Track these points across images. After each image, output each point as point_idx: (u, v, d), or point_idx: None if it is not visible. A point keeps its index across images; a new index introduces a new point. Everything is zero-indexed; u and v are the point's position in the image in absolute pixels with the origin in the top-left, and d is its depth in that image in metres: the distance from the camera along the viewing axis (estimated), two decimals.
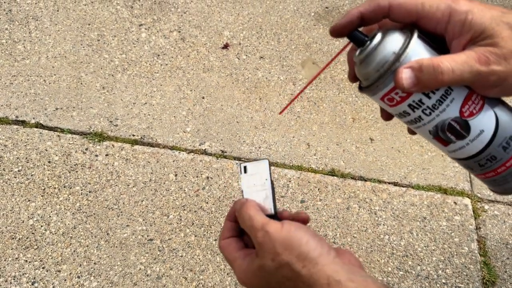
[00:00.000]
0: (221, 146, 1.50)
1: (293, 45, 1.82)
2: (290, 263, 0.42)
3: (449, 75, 0.38)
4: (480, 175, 0.45)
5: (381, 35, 0.42)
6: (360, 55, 0.43)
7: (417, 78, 0.39)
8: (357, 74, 0.45)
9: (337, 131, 1.58)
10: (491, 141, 0.42)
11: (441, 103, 0.41)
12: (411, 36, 0.40)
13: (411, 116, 0.43)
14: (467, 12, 0.39)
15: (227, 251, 0.49)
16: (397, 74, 0.39)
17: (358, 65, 0.44)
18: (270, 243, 0.43)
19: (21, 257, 1.23)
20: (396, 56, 0.40)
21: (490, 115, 0.41)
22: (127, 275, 1.22)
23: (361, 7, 0.42)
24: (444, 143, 0.44)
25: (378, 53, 0.41)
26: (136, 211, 1.33)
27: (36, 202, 1.33)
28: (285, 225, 0.44)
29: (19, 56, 1.68)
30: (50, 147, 1.45)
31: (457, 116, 0.41)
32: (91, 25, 1.80)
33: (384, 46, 0.41)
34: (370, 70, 0.42)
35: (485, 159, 0.43)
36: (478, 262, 1.31)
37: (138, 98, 1.60)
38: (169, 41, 1.78)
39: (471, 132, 0.42)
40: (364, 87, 0.44)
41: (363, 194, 1.42)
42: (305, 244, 0.43)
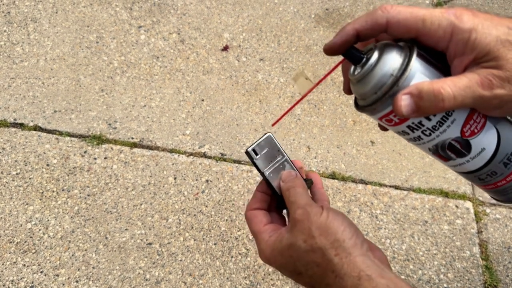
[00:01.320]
0: (221, 149, 1.49)
1: (293, 47, 1.81)
2: (324, 249, 0.41)
3: (450, 102, 0.37)
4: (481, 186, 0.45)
5: (377, 53, 0.40)
6: (356, 74, 0.41)
7: (417, 105, 0.38)
8: (352, 91, 0.43)
9: (337, 133, 1.57)
10: (492, 158, 0.41)
11: (441, 124, 0.40)
12: (410, 56, 0.38)
13: (410, 135, 0.42)
14: (470, 30, 0.37)
15: (253, 223, 0.48)
16: (396, 101, 0.38)
17: (354, 84, 0.42)
18: (308, 223, 0.42)
19: (19, 261, 1.22)
20: (395, 79, 0.38)
21: (492, 133, 0.40)
22: (126, 280, 1.21)
23: (357, 24, 0.40)
24: (444, 160, 0.43)
25: (375, 74, 0.39)
26: (135, 214, 1.32)
27: (34, 206, 1.32)
28: (325, 210, 0.43)
29: (17, 59, 1.67)
30: (48, 150, 1.44)
31: (458, 136, 0.40)
32: (90, 27, 1.79)
33: (381, 66, 0.39)
34: (366, 92, 0.40)
35: (486, 174, 0.42)
36: (480, 266, 1.30)
37: (137, 101, 1.59)
38: (169, 43, 1.77)
39: (472, 151, 0.41)
40: (361, 106, 0.42)
41: (364, 197, 1.41)
42: (341, 232, 0.42)
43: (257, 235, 0.47)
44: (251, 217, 0.48)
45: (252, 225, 0.48)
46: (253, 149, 0.49)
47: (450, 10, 0.38)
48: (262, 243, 0.46)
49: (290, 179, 0.48)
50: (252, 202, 0.50)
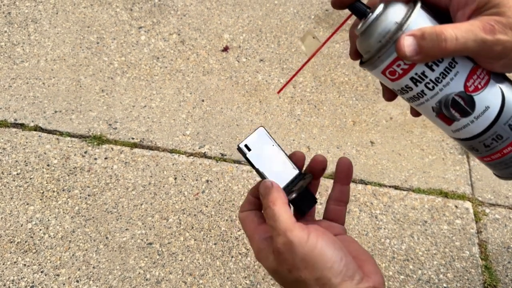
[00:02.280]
0: (221, 149, 1.50)
1: (293, 48, 1.82)
2: (308, 283, 0.39)
3: (452, 42, 0.37)
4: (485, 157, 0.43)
5: (383, 6, 0.41)
6: (361, 27, 0.42)
7: (420, 45, 0.38)
8: (358, 48, 0.44)
9: (337, 134, 1.57)
10: (497, 119, 0.40)
11: (444, 76, 0.39)
12: (414, 7, 0.39)
13: (413, 91, 0.41)
14: None
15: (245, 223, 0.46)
16: (399, 41, 0.38)
17: (359, 38, 0.43)
18: (290, 254, 0.39)
19: (19, 261, 1.22)
20: (399, 26, 0.39)
21: (496, 91, 0.40)
22: (126, 279, 1.21)
23: None
24: (447, 122, 0.42)
25: (380, 24, 0.40)
26: (135, 214, 1.33)
27: (34, 206, 1.32)
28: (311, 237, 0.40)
29: (18, 59, 1.67)
30: (49, 150, 1.44)
31: (462, 91, 0.40)
32: (91, 28, 1.79)
33: (386, 16, 0.40)
34: (371, 42, 0.41)
35: (491, 138, 0.41)
36: (479, 266, 1.30)
37: (138, 101, 1.60)
38: (169, 43, 1.78)
39: (476, 108, 0.40)
40: (365, 61, 0.43)
41: (364, 197, 1.42)
42: (329, 268, 0.39)
43: (251, 237, 0.45)
44: (243, 218, 0.47)
45: (245, 226, 0.46)
46: (245, 145, 0.47)
47: None
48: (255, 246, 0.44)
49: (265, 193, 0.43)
50: (243, 204, 0.48)
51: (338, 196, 0.49)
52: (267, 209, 0.42)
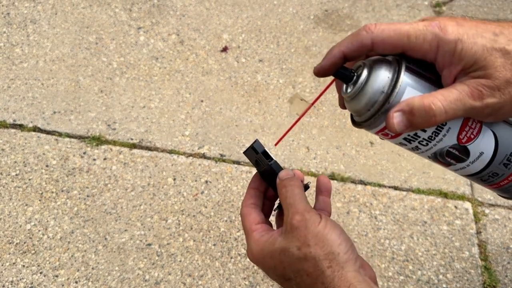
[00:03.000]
0: (220, 150, 1.49)
1: (292, 48, 1.81)
2: (317, 259, 0.41)
3: (442, 116, 0.37)
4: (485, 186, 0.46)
5: (367, 71, 0.40)
6: (348, 92, 0.42)
7: (409, 121, 0.38)
8: (347, 109, 0.44)
9: (336, 134, 1.57)
10: (491, 161, 0.42)
11: (437, 134, 0.40)
12: (399, 71, 0.39)
13: (407, 146, 0.43)
14: (456, 41, 0.37)
15: (246, 220, 0.47)
16: (388, 119, 0.38)
17: (347, 101, 0.43)
18: (304, 231, 0.42)
19: (18, 262, 1.22)
20: (386, 96, 0.39)
21: (489, 136, 0.41)
22: (125, 280, 1.21)
23: (343, 46, 0.41)
24: (444, 165, 0.44)
25: (367, 92, 0.40)
26: (134, 215, 1.32)
27: (33, 207, 1.32)
28: (324, 219, 0.43)
29: (17, 60, 1.67)
30: (48, 151, 1.44)
31: (455, 144, 0.41)
32: (89, 28, 1.79)
33: (371, 84, 0.39)
34: (360, 109, 0.41)
35: (487, 175, 0.43)
36: (479, 266, 1.30)
37: (137, 102, 1.59)
38: (168, 44, 1.78)
39: (470, 156, 0.41)
40: (357, 122, 0.43)
41: (363, 198, 1.41)
42: (337, 245, 0.41)
43: (249, 233, 0.47)
44: (245, 213, 0.48)
45: (245, 222, 0.48)
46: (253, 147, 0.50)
47: (434, 22, 0.38)
48: (252, 241, 0.46)
49: (287, 177, 0.47)
50: (247, 198, 0.49)
51: (321, 206, 0.51)
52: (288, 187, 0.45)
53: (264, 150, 0.49)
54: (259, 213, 0.48)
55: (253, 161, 0.50)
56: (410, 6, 2.04)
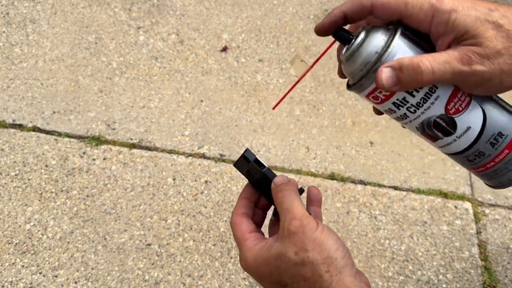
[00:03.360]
0: (220, 150, 1.49)
1: (292, 48, 1.81)
2: (315, 264, 0.41)
3: (429, 75, 0.38)
4: (472, 169, 0.45)
5: (364, 33, 0.42)
6: (345, 53, 0.43)
7: (398, 77, 0.39)
8: (343, 72, 0.45)
9: (336, 134, 1.57)
10: (478, 138, 0.41)
11: (425, 101, 0.41)
12: (394, 35, 0.40)
13: (396, 113, 0.43)
14: (450, 11, 0.38)
15: (238, 229, 0.47)
16: (378, 73, 0.39)
17: (344, 63, 0.44)
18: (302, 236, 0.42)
19: (18, 262, 1.22)
20: (378, 56, 0.40)
21: (477, 111, 0.41)
22: (125, 281, 1.20)
23: (344, 7, 0.42)
24: (432, 139, 0.44)
25: (361, 53, 0.41)
26: (134, 215, 1.32)
27: (33, 207, 1.32)
28: (320, 226, 0.43)
29: (16, 59, 1.67)
30: (47, 151, 1.44)
31: (443, 114, 0.41)
32: (89, 28, 1.79)
33: (367, 45, 0.41)
34: (354, 69, 0.42)
35: (473, 155, 0.43)
36: (479, 266, 1.30)
37: (136, 102, 1.59)
38: (168, 44, 1.77)
39: (457, 129, 0.41)
40: (350, 85, 0.44)
41: (363, 198, 1.41)
42: (334, 250, 0.42)
43: (242, 242, 0.46)
44: (236, 223, 0.48)
45: (236, 231, 0.47)
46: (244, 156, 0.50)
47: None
48: (246, 250, 0.45)
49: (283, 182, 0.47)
50: (237, 208, 0.49)
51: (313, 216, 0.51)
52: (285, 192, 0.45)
53: (255, 158, 0.49)
54: (251, 222, 0.48)
55: (244, 171, 0.50)
56: None
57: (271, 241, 0.44)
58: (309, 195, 0.52)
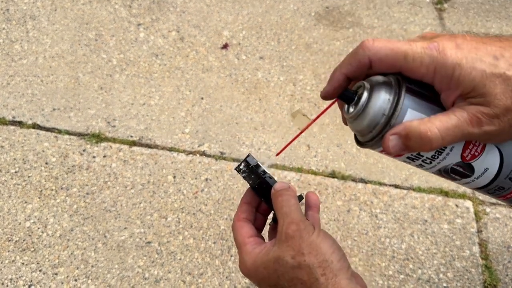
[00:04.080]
0: (220, 148, 1.49)
1: (293, 45, 1.80)
2: (311, 267, 0.41)
3: (438, 142, 0.37)
4: (492, 197, 0.46)
5: (367, 92, 0.40)
6: (350, 113, 0.42)
7: (405, 145, 0.38)
8: (350, 128, 0.44)
9: (337, 132, 1.56)
10: (497, 176, 0.41)
11: (440, 153, 0.40)
12: (399, 94, 0.38)
13: (412, 164, 0.43)
14: (454, 66, 0.36)
15: (239, 233, 0.48)
16: (384, 141, 0.38)
17: (350, 121, 0.43)
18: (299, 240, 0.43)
19: (17, 259, 1.22)
20: (387, 119, 0.39)
21: (494, 152, 0.40)
22: (125, 278, 1.20)
23: (344, 69, 0.41)
24: (450, 179, 0.44)
25: (368, 114, 0.40)
26: (134, 213, 1.32)
27: (33, 204, 1.32)
28: (317, 230, 0.44)
29: (16, 56, 1.66)
30: (47, 148, 1.43)
31: (459, 161, 0.40)
32: (89, 25, 1.78)
33: (372, 106, 0.39)
34: (362, 130, 0.41)
35: (493, 189, 0.43)
36: (480, 265, 1.30)
37: (136, 99, 1.59)
38: (168, 41, 1.77)
39: (475, 172, 0.41)
40: (361, 142, 0.44)
41: (364, 196, 1.41)
42: (330, 254, 0.42)
43: (242, 246, 0.47)
44: (237, 227, 0.49)
45: (237, 236, 0.48)
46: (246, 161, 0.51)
47: (432, 43, 0.37)
48: (245, 254, 0.46)
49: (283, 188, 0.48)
50: (239, 213, 0.50)
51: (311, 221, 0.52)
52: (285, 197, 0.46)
53: (257, 163, 0.50)
54: (251, 227, 0.49)
55: (245, 176, 0.51)
56: (411, 3, 2.03)
57: (269, 245, 0.45)
58: (307, 200, 0.53)
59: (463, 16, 2.03)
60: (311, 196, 0.53)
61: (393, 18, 1.97)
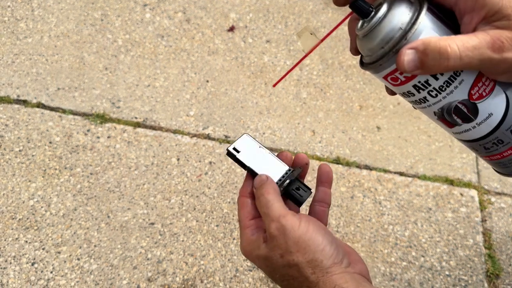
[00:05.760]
0: (225, 131, 1.48)
1: (300, 29, 1.78)
2: (300, 266, 0.41)
3: (456, 61, 0.34)
4: (485, 157, 0.43)
5: (387, 5, 0.38)
6: (363, 28, 0.39)
7: (421, 61, 0.35)
8: (359, 48, 0.41)
9: (343, 118, 1.55)
10: (499, 125, 0.39)
11: (449, 84, 0.38)
12: (420, 10, 0.36)
13: (415, 96, 0.40)
14: None
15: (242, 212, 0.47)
16: (400, 55, 0.36)
17: (360, 39, 0.40)
18: (283, 238, 0.41)
19: (21, 237, 1.22)
20: (403, 33, 0.36)
21: (501, 97, 0.38)
22: (128, 259, 1.21)
23: None
24: (449, 125, 0.41)
25: (383, 28, 0.37)
26: (137, 194, 1.32)
27: (36, 183, 1.32)
28: (303, 222, 0.42)
29: (21, 35, 1.65)
30: (51, 127, 1.43)
31: (466, 99, 0.38)
32: (95, 4, 1.76)
33: (390, 19, 0.37)
34: (373, 46, 0.38)
35: (491, 142, 0.40)
36: (483, 254, 1.29)
37: (141, 80, 1.58)
38: (174, 22, 1.75)
39: (479, 115, 0.39)
40: (366, 63, 0.40)
41: (368, 183, 1.40)
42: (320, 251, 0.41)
43: (242, 228, 0.47)
44: (241, 204, 0.48)
45: (240, 214, 0.48)
46: (233, 148, 0.51)
47: None
48: (244, 239, 0.46)
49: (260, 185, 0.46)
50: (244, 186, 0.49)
51: (321, 197, 0.51)
52: (261, 197, 0.45)
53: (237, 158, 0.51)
54: (253, 207, 0.47)
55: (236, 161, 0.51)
56: None
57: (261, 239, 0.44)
58: (319, 174, 0.51)
59: None
60: (324, 168, 0.50)
61: None
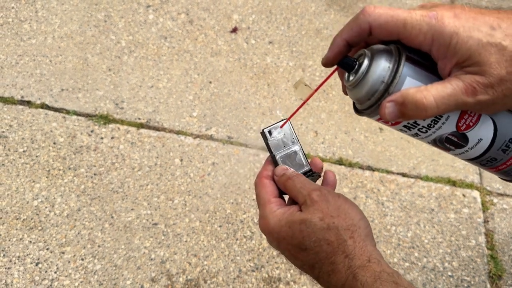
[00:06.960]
0: (228, 132, 1.48)
1: (303, 31, 1.79)
2: (339, 229, 0.42)
3: (433, 110, 0.37)
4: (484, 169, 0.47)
5: (368, 60, 0.41)
6: (349, 80, 0.42)
7: (401, 112, 0.38)
8: (349, 96, 0.45)
9: (346, 119, 1.55)
10: (490, 147, 0.42)
11: (436, 122, 0.41)
12: (399, 61, 0.39)
13: (408, 133, 0.44)
14: (451, 35, 0.37)
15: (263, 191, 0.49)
16: (381, 108, 0.39)
17: (349, 89, 0.44)
18: (325, 204, 0.44)
19: (25, 237, 1.23)
20: (385, 86, 0.39)
21: (488, 123, 0.41)
22: (131, 259, 1.21)
23: (345, 34, 0.41)
24: (444, 150, 0.45)
25: (367, 81, 0.40)
26: (141, 195, 1.32)
27: (40, 183, 1.32)
28: (342, 196, 0.45)
29: (25, 36, 1.66)
30: (55, 128, 1.44)
31: (454, 131, 0.41)
32: (98, 6, 1.77)
33: (372, 73, 0.40)
34: (361, 97, 0.42)
35: (486, 160, 0.44)
36: (485, 255, 1.29)
37: (145, 81, 1.58)
38: (177, 23, 1.75)
39: (469, 142, 0.42)
40: (359, 110, 0.44)
41: (371, 184, 1.40)
42: (359, 219, 0.44)
43: (266, 204, 0.48)
44: (262, 185, 0.49)
45: (261, 193, 0.49)
46: (269, 131, 0.52)
47: (432, 12, 0.37)
48: (269, 212, 0.47)
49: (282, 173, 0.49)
50: (264, 169, 0.51)
51: None
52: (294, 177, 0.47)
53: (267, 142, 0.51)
54: (275, 188, 0.50)
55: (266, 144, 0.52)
56: None
57: (295, 208, 0.46)
58: (325, 178, 0.53)
59: None
60: (330, 174, 0.53)
61: (404, 4, 1.94)
